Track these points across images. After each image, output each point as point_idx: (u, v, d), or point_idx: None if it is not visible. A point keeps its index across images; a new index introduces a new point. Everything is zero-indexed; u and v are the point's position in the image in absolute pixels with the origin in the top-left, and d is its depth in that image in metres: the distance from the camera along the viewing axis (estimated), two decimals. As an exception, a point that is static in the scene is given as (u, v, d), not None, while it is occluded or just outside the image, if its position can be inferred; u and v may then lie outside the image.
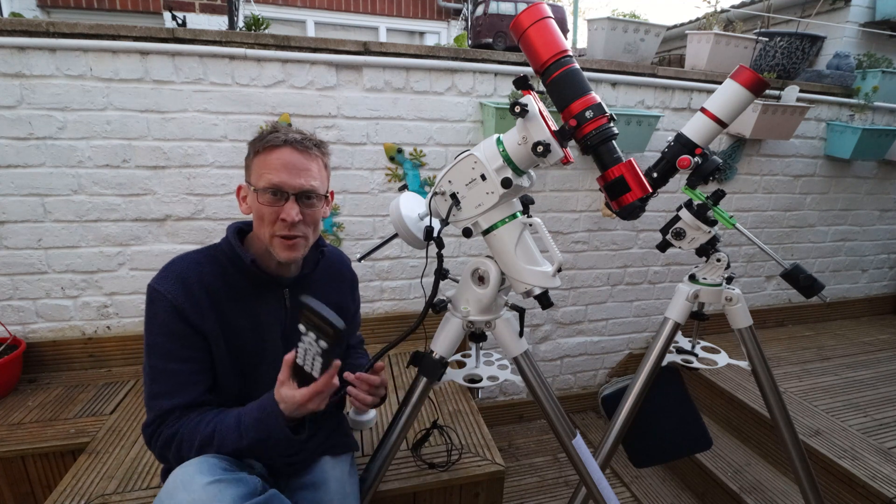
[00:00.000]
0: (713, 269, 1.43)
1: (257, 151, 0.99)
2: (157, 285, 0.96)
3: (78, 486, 1.35)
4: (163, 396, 0.96)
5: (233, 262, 1.02)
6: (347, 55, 1.88)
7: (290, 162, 0.97)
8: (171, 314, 0.95)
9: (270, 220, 0.98)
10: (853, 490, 1.64)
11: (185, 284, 0.97)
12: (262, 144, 0.98)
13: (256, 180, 0.99)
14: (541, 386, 1.14)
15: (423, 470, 1.46)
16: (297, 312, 1.07)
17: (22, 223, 1.79)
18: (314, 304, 0.82)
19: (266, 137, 0.99)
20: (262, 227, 1.00)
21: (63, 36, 1.66)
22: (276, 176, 0.96)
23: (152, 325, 0.97)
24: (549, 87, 1.00)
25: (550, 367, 2.56)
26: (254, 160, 1.00)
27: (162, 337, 0.96)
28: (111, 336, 1.95)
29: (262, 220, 1.00)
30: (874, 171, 2.81)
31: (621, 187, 0.97)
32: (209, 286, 0.99)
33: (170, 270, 0.99)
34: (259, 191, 0.97)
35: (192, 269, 0.99)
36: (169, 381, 0.96)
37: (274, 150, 0.98)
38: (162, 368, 0.96)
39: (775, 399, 1.44)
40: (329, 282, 1.19)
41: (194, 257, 1.02)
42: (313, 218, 1.03)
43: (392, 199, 1.21)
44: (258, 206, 0.98)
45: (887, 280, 3.13)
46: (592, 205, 2.35)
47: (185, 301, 0.95)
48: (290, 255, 1.01)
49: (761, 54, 2.49)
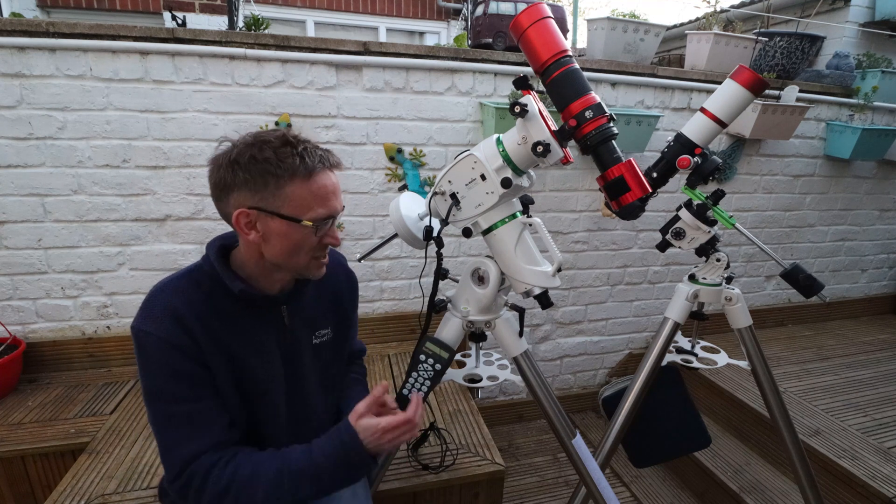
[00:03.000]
0: (713, 268, 1.43)
1: (292, 175, 0.84)
2: (144, 326, 0.85)
3: (78, 486, 1.35)
4: (182, 444, 0.85)
5: (220, 288, 0.91)
6: (347, 55, 1.88)
7: (333, 185, 0.89)
8: (169, 354, 0.85)
9: (313, 245, 0.90)
10: (853, 490, 1.64)
11: (175, 318, 0.85)
12: (296, 168, 0.84)
13: (303, 211, 0.86)
14: (541, 386, 1.14)
15: (420, 471, 1.46)
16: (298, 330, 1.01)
17: (22, 223, 1.79)
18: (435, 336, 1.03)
19: (304, 164, 0.84)
20: (297, 255, 0.90)
21: (63, 36, 1.66)
22: (330, 204, 0.88)
23: (149, 369, 0.86)
24: (549, 87, 1.00)
25: (550, 367, 2.56)
26: (288, 187, 0.84)
27: (163, 380, 0.85)
28: (111, 336, 1.95)
29: (299, 250, 0.89)
30: (874, 171, 2.81)
31: (621, 187, 0.97)
32: (201, 315, 0.88)
33: (154, 306, 0.87)
34: (318, 224, 0.87)
35: (177, 300, 0.87)
36: (185, 425, 0.86)
37: (317, 176, 0.86)
38: (172, 413, 0.86)
39: (775, 399, 1.44)
40: (328, 288, 1.10)
41: (175, 285, 0.90)
42: None
43: (392, 199, 1.21)
44: (303, 237, 0.87)
45: (887, 280, 3.13)
46: (592, 205, 2.35)
47: (180, 337, 0.85)
48: (323, 271, 0.96)
49: (761, 54, 2.49)
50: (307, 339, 1.03)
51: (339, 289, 1.12)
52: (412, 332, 2.21)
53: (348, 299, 1.15)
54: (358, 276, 1.20)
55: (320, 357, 1.06)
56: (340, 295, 1.12)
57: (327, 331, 1.07)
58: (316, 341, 1.05)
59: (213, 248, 0.94)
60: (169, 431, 0.86)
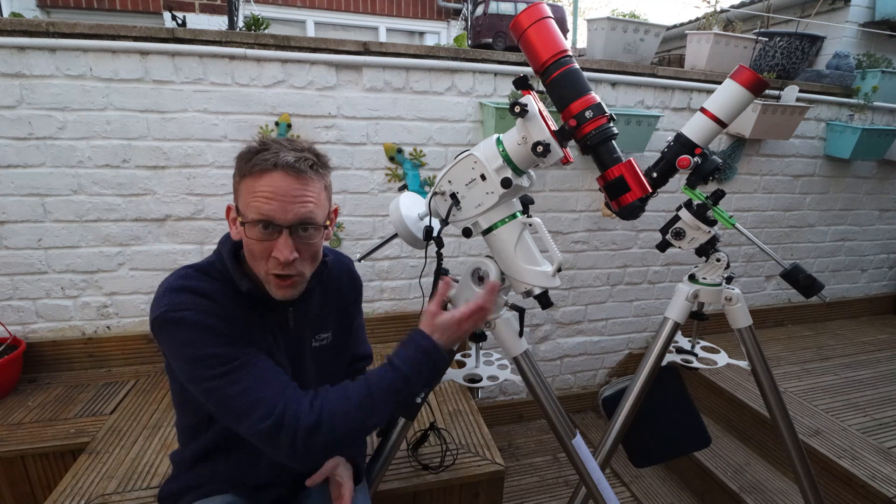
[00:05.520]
0: (713, 268, 1.43)
1: (244, 175, 0.83)
2: (175, 310, 0.82)
3: (78, 486, 1.35)
4: (261, 387, 0.81)
5: (230, 284, 0.90)
6: (347, 55, 1.88)
7: (283, 189, 0.81)
8: (213, 324, 0.82)
9: (263, 255, 0.85)
10: (853, 490, 1.64)
11: (199, 294, 0.84)
12: (249, 168, 0.82)
13: (244, 208, 0.84)
14: (541, 386, 1.14)
15: (420, 471, 1.46)
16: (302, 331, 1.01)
17: (22, 223, 1.79)
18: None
19: (253, 159, 0.82)
20: (255, 262, 0.87)
21: (63, 36, 1.66)
22: (268, 206, 0.81)
23: (196, 345, 0.81)
24: (549, 87, 1.00)
25: (550, 367, 2.56)
26: (241, 184, 0.85)
27: (215, 347, 0.81)
28: (111, 336, 1.95)
29: (253, 256, 0.87)
30: (874, 171, 2.81)
31: (621, 187, 0.97)
32: (225, 298, 0.87)
33: (179, 292, 0.84)
34: (247, 224, 0.83)
35: (195, 281, 0.87)
36: (255, 374, 0.82)
37: (263, 175, 0.82)
38: (235, 368, 0.81)
39: (775, 399, 1.44)
40: (333, 293, 1.10)
41: (187, 272, 0.90)
42: (311, 253, 0.90)
43: (392, 199, 1.21)
44: (247, 240, 0.85)
45: (887, 280, 3.13)
46: (592, 205, 2.35)
47: (216, 310, 0.83)
48: (287, 294, 0.89)
49: (761, 54, 2.49)
50: (309, 341, 1.05)
51: (343, 293, 1.13)
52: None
53: (352, 304, 1.17)
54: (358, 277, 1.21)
55: (319, 360, 1.07)
56: (345, 300, 1.14)
57: (328, 335, 1.08)
58: (315, 344, 1.06)
59: (227, 249, 0.92)
60: (239, 384, 0.81)
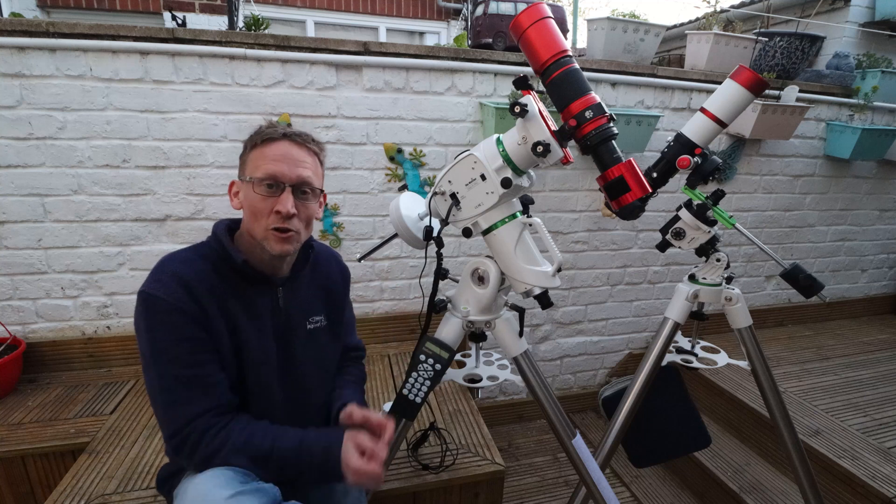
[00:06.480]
0: (713, 268, 1.43)
1: (255, 145, 0.99)
2: (154, 290, 0.90)
3: (78, 486, 1.35)
4: (183, 404, 0.89)
5: (224, 261, 0.98)
6: (347, 55, 1.88)
7: (288, 153, 0.97)
8: (177, 318, 0.89)
9: (265, 212, 0.96)
10: (853, 490, 1.64)
11: (183, 284, 0.91)
12: (260, 138, 0.98)
13: (252, 171, 0.97)
14: (541, 386, 1.14)
15: (420, 471, 1.46)
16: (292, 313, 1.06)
17: (22, 223, 1.79)
18: (435, 336, 1.06)
19: (264, 131, 0.99)
20: (256, 221, 0.97)
21: (63, 36, 1.66)
22: (274, 166, 0.95)
23: (154, 332, 0.90)
24: (549, 88, 1.00)
25: (550, 367, 2.56)
26: (250, 154, 0.99)
27: (169, 343, 0.89)
28: (111, 336, 1.95)
29: (255, 214, 0.97)
30: (874, 171, 2.81)
31: (621, 187, 0.97)
32: (207, 283, 0.94)
33: (163, 272, 0.93)
34: (255, 181, 0.95)
35: (187, 268, 0.94)
36: (187, 387, 0.90)
37: (272, 143, 0.98)
38: (175, 375, 0.89)
39: (775, 399, 1.44)
40: (321, 279, 1.16)
41: (185, 255, 0.98)
42: (307, 213, 1.01)
43: (392, 199, 1.21)
44: (253, 197, 0.96)
45: (887, 280, 3.13)
46: (592, 205, 2.35)
47: (187, 302, 0.90)
48: (284, 248, 0.97)
49: (761, 54, 2.49)
50: (301, 324, 1.09)
51: (331, 279, 1.19)
52: (412, 333, 2.21)
53: (341, 290, 1.22)
54: (358, 276, 1.22)
55: (317, 341, 1.12)
56: (333, 284, 1.19)
57: (321, 318, 1.14)
58: (310, 327, 1.11)
59: (221, 227, 1.02)
60: (171, 392, 0.90)
